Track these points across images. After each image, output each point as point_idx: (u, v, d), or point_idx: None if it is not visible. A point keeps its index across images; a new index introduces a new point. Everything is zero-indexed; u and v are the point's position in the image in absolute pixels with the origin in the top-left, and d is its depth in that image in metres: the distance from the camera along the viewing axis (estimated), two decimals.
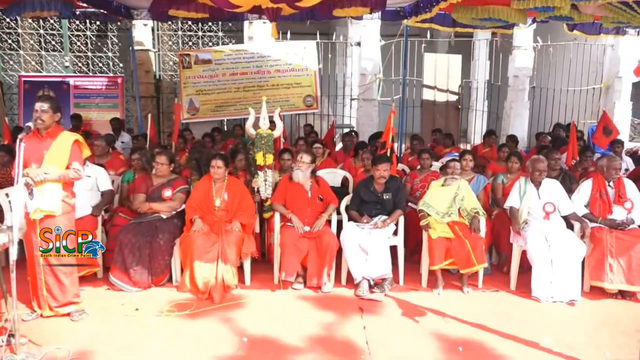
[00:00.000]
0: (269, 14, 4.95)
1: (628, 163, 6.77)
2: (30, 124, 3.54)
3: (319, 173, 5.41)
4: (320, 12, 5.90)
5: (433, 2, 5.52)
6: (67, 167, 3.69)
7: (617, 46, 9.79)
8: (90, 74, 10.02)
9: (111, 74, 9.93)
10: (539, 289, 4.36)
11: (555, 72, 9.89)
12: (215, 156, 4.84)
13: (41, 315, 3.80)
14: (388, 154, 5.22)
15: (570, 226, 4.69)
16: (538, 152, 6.60)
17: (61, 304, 3.79)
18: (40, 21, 9.58)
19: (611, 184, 4.75)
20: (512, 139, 7.43)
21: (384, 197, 4.85)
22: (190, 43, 10.08)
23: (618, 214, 4.64)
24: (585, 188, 4.82)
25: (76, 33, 10.01)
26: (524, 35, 9.82)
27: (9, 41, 10.00)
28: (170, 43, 10.22)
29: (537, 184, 4.75)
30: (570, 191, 5.01)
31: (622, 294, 4.42)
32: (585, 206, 4.77)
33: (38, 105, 3.59)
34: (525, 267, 4.66)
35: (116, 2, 6.76)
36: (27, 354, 3.26)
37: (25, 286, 3.79)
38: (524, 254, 4.64)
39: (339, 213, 4.98)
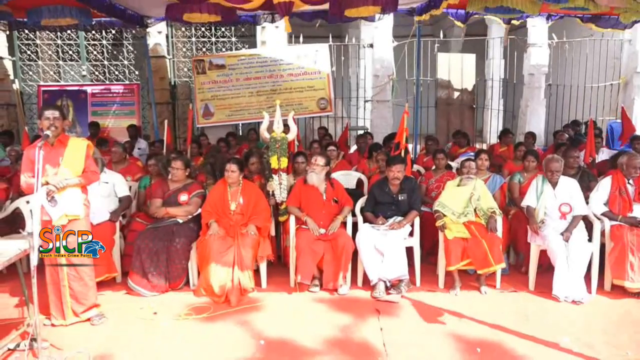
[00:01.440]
0: (281, 8, 4.99)
1: None
2: (48, 132, 3.62)
3: (334, 175, 5.41)
4: (332, 12, 5.91)
5: None
6: (84, 172, 3.78)
7: (635, 41, 9.61)
8: (107, 82, 10.18)
9: (127, 82, 10.07)
10: (559, 288, 4.30)
11: (571, 69, 9.74)
12: (230, 160, 4.88)
13: (62, 325, 3.82)
14: (402, 154, 5.20)
15: (589, 225, 4.61)
16: (555, 149, 6.52)
17: (86, 307, 3.86)
18: (58, 32, 9.76)
19: (631, 181, 4.66)
20: (531, 136, 7.35)
21: (399, 198, 4.83)
22: (204, 49, 10.18)
23: (639, 211, 4.56)
24: (604, 186, 4.74)
25: (92, 42, 10.19)
26: (538, 32, 9.72)
27: (28, 52, 10.21)
28: (184, 50, 10.34)
29: (554, 183, 4.69)
30: (589, 189, 4.93)
31: None
32: (604, 204, 4.69)
33: (50, 113, 3.67)
34: (544, 267, 4.61)
35: (130, 11, 6.87)
36: (48, 358, 3.32)
37: (46, 291, 3.84)
38: (541, 253, 4.59)
39: (354, 215, 4.98)
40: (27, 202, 4.58)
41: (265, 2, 5.01)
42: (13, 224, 4.76)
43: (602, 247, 4.56)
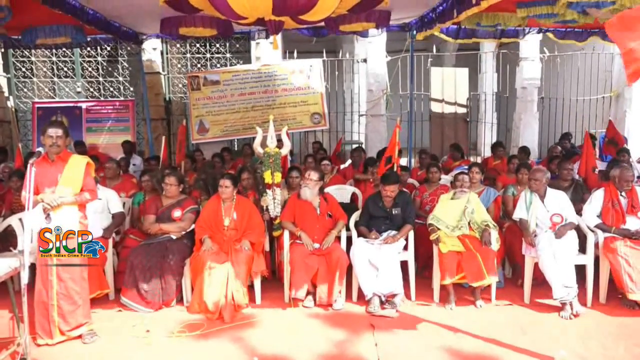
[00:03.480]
0: (271, 26, 5.05)
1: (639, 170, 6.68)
2: (40, 149, 3.62)
3: (328, 190, 5.41)
4: (326, 28, 6.00)
5: (443, 15, 5.62)
6: (81, 190, 3.76)
7: None
8: (102, 99, 10.21)
9: (122, 98, 10.10)
10: (557, 289, 4.26)
11: (563, 82, 9.84)
12: (223, 176, 4.88)
13: (47, 344, 3.74)
14: (394, 168, 5.21)
15: (582, 237, 4.61)
16: (549, 162, 6.55)
17: (73, 327, 3.79)
18: (53, 49, 9.80)
19: (623, 193, 4.68)
20: (524, 151, 7.38)
21: (393, 212, 4.83)
22: (199, 65, 10.24)
23: (631, 223, 4.57)
24: (597, 198, 4.75)
25: (87, 59, 10.24)
26: (530, 46, 9.82)
27: (23, 69, 10.24)
28: (179, 66, 10.39)
29: (541, 195, 4.69)
30: (582, 201, 4.95)
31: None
32: (597, 216, 4.70)
33: (53, 131, 3.69)
34: (539, 280, 4.59)
35: (125, 27, 6.92)
36: None
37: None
38: (536, 266, 4.57)
39: (348, 229, 4.97)
40: (20, 219, 4.55)
41: (259, 19, 5.06)
42: (5, 242, 4.72)
43: (597, 259, 4.55)
